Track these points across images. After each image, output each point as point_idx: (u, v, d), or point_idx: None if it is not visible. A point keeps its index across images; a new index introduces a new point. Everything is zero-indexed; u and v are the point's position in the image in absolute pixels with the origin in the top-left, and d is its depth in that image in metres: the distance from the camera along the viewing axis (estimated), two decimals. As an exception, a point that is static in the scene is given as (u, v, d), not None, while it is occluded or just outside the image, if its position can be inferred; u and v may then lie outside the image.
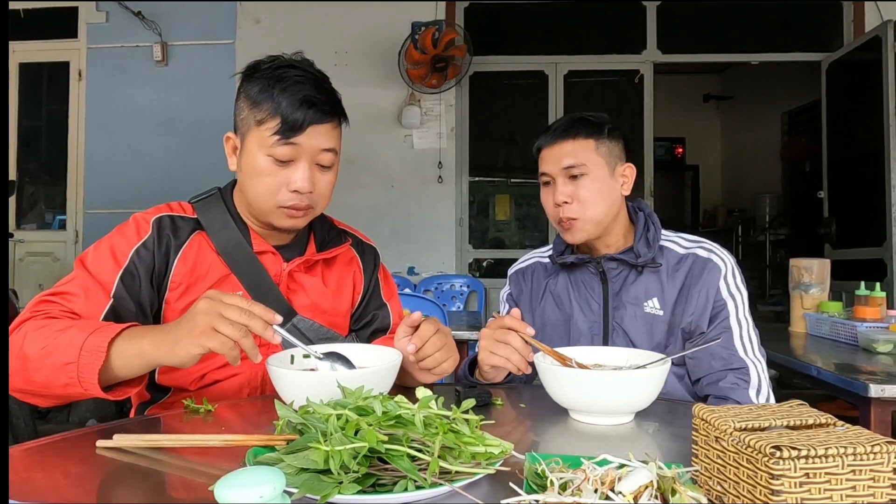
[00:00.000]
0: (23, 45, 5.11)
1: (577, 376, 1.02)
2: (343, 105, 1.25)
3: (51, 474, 0.81)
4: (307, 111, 1.16)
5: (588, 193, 1.40)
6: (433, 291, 4.64)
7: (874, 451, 0.60)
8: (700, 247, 1.43)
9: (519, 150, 5.27)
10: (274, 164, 1.18)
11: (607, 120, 1.45)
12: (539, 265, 1.59)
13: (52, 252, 5.12)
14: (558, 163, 1.41)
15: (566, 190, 1.40)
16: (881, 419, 1.62)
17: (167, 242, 1.22)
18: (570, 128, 1.42)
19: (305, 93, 1.17)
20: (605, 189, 1.41)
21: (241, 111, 1.22)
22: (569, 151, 1.41)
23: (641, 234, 1.43)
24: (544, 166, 1.45)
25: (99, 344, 0.98)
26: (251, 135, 1.19)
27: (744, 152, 7.83)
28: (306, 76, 1.20)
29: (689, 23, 5.01)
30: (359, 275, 1.42)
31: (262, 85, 1.18)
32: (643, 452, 0.75)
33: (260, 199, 1.21)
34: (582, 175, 1.40)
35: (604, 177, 1.41)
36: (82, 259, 1.18)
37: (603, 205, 1.41)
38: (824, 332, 2.34)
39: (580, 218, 1.40)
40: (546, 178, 1.45)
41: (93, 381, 0.97)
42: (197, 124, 4.97)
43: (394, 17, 4.76)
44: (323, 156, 1.20)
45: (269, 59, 1.24)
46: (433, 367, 1.15)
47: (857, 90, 4.38)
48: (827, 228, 4.59)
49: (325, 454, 0.67)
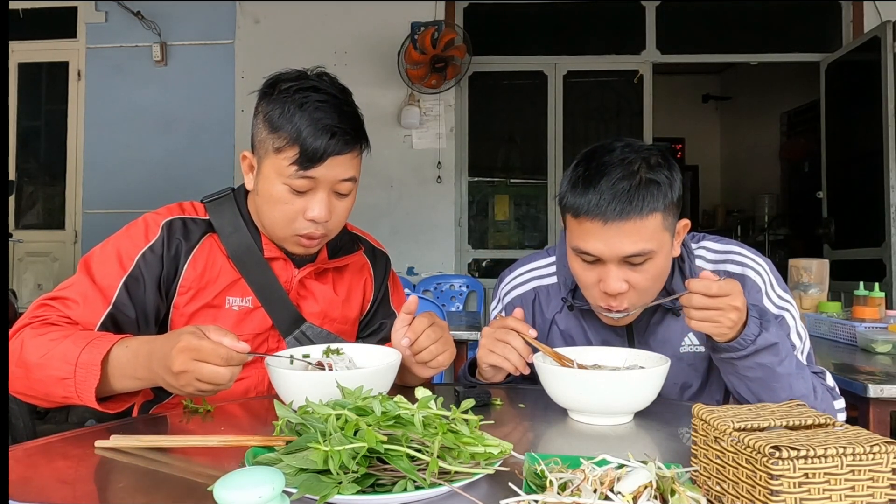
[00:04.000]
0: (22, 45, 5.10)
1: (577, 376, 1.02)
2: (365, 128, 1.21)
3: (51, 474, 0.81)
4: (328, 141, 1.12)
5: (649, 280, 1.12)
6: (432, 291, 4.64)
7: (873, 452, 0.60)
8: (730, 261, 1.25)
9: (518, 150, 5.27)
10: (291, 193, 1.15)
11: (673, 169, 1.13)
12: (541, 291, 1.33)
13: (52, 252, 5.12)
14: (618, 248, 1.07)
15: (623, 275, 1.10)
16: (880, 419, 1.62)
17: (177, 246, 1.20)
18: (634, 200, 1.06)
19: (327, 121, 1.12)
20: (666, 266, 1.15)
21: (258, 132, 1.18)
22: (634, 233, 1.07)
23: (675, 269, 1.21)
24: (589, 245, 1.09)
25: (92, 361, 0.99)
26: (268, 160, 1.16)
27: (743, 153, 7.82)
28: (328, 101, 1.15)
29: (689, 23, 5.01)
30: (369, 282, 1.40)
31: (281, 109, 1.14)
32: (642, 452, 0.75)
33: (276, 225, 1.19)
34: (647, 261, 1.10)
35: (666, 255, 1.13)
36: (87, 261, 1.17)
37: (661, 284, 1.17)
38: (823, 332, 2.34)
39: (632, 305, 1.14)
40: (591, 259, 1.11)
41: (90, 398, 0.99)
42: (196, 124, 4.96)
43: (393, 18, 4.75)
44: (342, 185, 1.17)
45: (290, 75, 1.19)
46: (429, 360, 1.14)
47: (856, 91, 4.38)
48: (826, 229, 4.60)
49: (325, 454, 0.67)
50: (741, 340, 1.06)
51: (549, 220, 4.97)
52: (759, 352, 1.07)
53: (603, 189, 1.07)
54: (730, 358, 1.09)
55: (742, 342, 1.06)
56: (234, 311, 1.23)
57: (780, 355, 1.09)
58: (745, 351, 1.07)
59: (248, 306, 1.23)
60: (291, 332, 1.26)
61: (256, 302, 1.24)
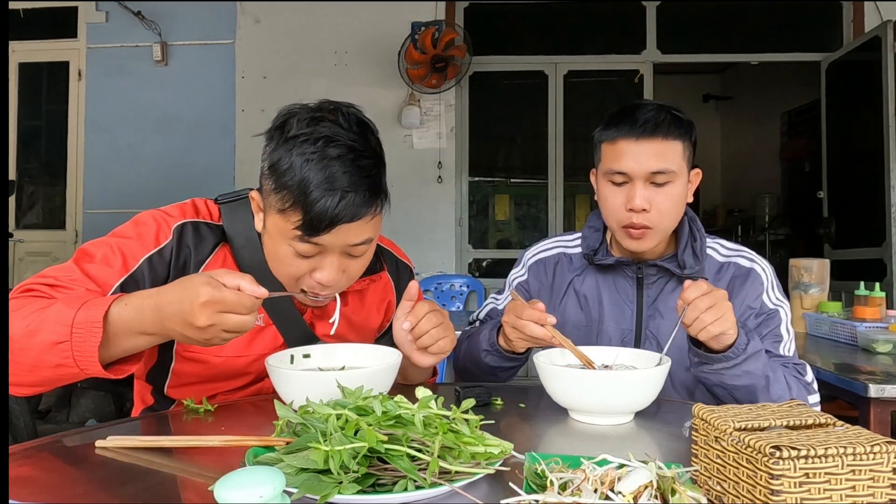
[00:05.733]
0: (22, 44, 5.11)
1: (577, 376, 1.02)
2: (386, 183, 1.07)
3: (51, 474, 0.81)
4: (336, 207, 0.98)
5: (669, 203, 1.26)
6: (433, 291, 4.64)
7: (873, 451, 0.60)
8: (741, 255, 1.36)
9: (518, 150, 5.27)
10: (296, 256, 1.05)
11: (691, 119, 1.31)
12: (564, 257, 1.45)
13: (52, 252, 5.12)
14: (645, 164, 1.24)
15: (647, 194, 1.25)
16: (880, 419, 1.62)
17: (186, 256, 1.12)
18: (662, 125, 1.25)
19: (338, 183, 0.98)
20: (682, 198, 1.29)
21: (264, 181, 1.06)
22: (659, 153, 1.24)
23: (686, 243, 1.33)
24: (621, 163, 1.26)
25: (93, 318, 0.89)
26: (272, 217, 1.05)
27: (743, 152, 7.82)
28: (342, 156, 1.00)
29: (689, 23, 5.01)
30: (392, 302, 1.33)
31: (288, 161, 1.00)
32: (643, 452, 0.75)
33: (282, 279, 1.11)
34: (667, 182, 1.25)
35: (683, 185, 1.28)
36: (86, 252, 1.08)
37: (678, 216, 1.30)
38: (824, 332, 2.34)
39: (655, 228, 1.27)
40: (621, 179, 1.28)
41: (92, 360, 0.89)
42: (197, 124, 4.97)
43: (393, 17, 4.75)
44: (355, 248, 1.05)
45: (302, 114, 1.04)
46: (430, 344, 1.12)
47: (856, 90, 4.38)
48: (826, 228, 4.59)
49: (325, 454, 0.67)
50: (735, 349, 1.12)
51: (550, 220, 4.97)
52: (748, 359, 1.13)
53: (637, 116, 1.26)
54: (721, 368, 1.14)
55: (735, 351, 1.12)
56: None
57: (762, 360, 1.16)
58: (737, 359, 1.13)
59: (259, 324, 1.17)
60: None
61: (268, 320, 1.18)
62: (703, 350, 1.15)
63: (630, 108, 1.29)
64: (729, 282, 1.34)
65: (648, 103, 1.29)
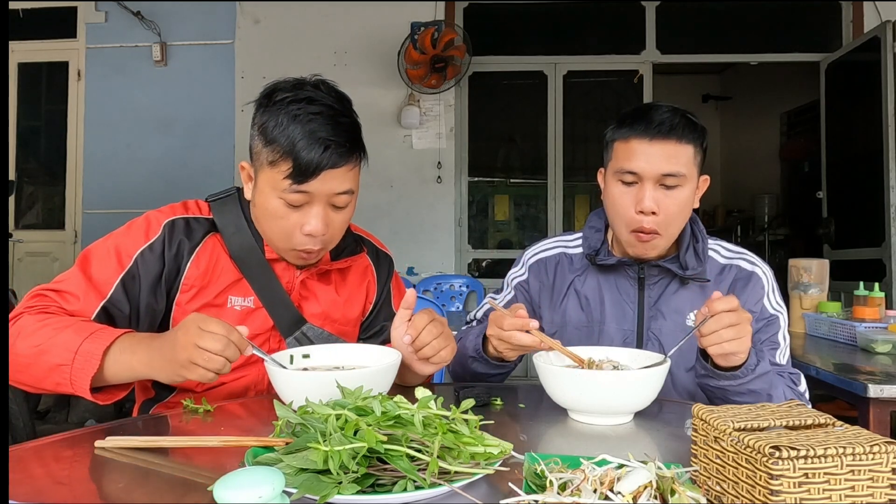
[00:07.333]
0: (22, 44, 5.10)
1: (577, 376, 1.02)
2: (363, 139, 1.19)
3: (50, 474, 0.81)
4: (321, 154, 1.10)
5: (677, 208, 1.25)
6: (432, 292, 4.64)
7: (873, 452, 0.60)
8: (742, 258, 1.36)
9: (518, 150, 5.26)
10: (286, 207, 1.14)
11: (704, 125, 1.31)
12: (564, 257, 1.44)
13: (52, 252, 5.12)
14: (657, 165, 1.23)
15: (656, 196, 1.24)
16: (880, 419, 1.62)
17: (179, 245, 1.20)
18: (676, 127, 1.24)
19: (321, 134, 1.11)
20: (689, 203, 1.28)
21: (254, 144, 1.17)
22: (672, 155, 1.23)
23: (688, 244, 1.33)
24: (633, 163, 1.25)
25: (94, 350, 1.01)
26: (263, 173, 1.15)
27: (743, 153, 7.82)
28: (323, 112, 1.13)
29: (689, 23, 5.01)
30: (372, 284, 1.40)
31: (275, 121, 1.12)
32: (642, 452, 0.75)
33: (273, 239, 1.20)
34: (677, 186, 1.25)
35: (692, 190, 1.28)
36: (86, 256, 1.18)
37: (683, 221, 1.29)
38: (823, 332, 2.34)
39: (662, 234, 1.27)
40: (631, 178, 1.27)
41: (84, 387, 1.01)
42: (196, 124, 4.96)
43: (393, 18, 4.76)
44: (338, 198, 1.16)
45: (286, 84, 1.17)
46: (431, 355, 1.13)
47: (855, 91, 4.38)
48: (826, 229, 4.60)
49: (325, 454, 0.67)
50: (744, 369, 1.12)
51: (549, 220, 4.97)
52: (755, 379, 1.13)
53: (652, 117, 1.25)
54: (727, 385, 1.14)
55: (744, 371, 1.12)
56: (236, 310, 1.23)
57: (768, 379, 1.16)
58: (744, 379, 1.12)
59: (249, 306, 1.24)
60: (292, 332, 1.26)
61: (258, 302, 1.24)
62: (710, 364, 1.14)
63: (645, 108, 1.29)
64: (731, 285, 1.33)
65: (663, 105, 1.29)
